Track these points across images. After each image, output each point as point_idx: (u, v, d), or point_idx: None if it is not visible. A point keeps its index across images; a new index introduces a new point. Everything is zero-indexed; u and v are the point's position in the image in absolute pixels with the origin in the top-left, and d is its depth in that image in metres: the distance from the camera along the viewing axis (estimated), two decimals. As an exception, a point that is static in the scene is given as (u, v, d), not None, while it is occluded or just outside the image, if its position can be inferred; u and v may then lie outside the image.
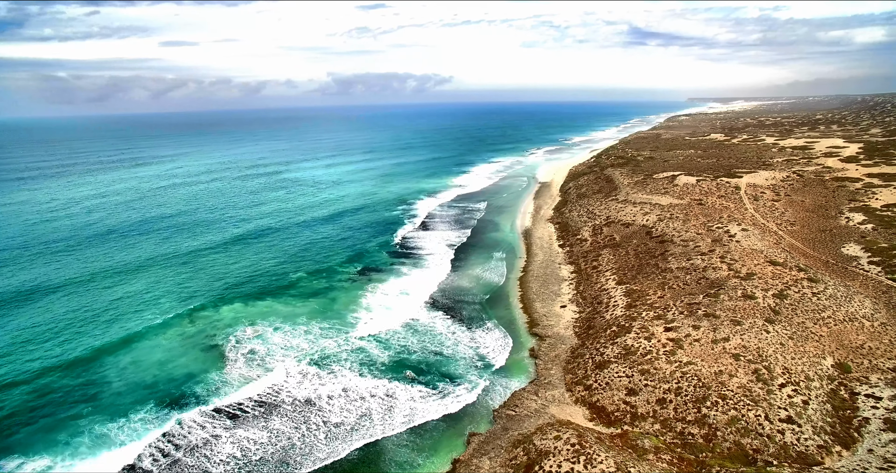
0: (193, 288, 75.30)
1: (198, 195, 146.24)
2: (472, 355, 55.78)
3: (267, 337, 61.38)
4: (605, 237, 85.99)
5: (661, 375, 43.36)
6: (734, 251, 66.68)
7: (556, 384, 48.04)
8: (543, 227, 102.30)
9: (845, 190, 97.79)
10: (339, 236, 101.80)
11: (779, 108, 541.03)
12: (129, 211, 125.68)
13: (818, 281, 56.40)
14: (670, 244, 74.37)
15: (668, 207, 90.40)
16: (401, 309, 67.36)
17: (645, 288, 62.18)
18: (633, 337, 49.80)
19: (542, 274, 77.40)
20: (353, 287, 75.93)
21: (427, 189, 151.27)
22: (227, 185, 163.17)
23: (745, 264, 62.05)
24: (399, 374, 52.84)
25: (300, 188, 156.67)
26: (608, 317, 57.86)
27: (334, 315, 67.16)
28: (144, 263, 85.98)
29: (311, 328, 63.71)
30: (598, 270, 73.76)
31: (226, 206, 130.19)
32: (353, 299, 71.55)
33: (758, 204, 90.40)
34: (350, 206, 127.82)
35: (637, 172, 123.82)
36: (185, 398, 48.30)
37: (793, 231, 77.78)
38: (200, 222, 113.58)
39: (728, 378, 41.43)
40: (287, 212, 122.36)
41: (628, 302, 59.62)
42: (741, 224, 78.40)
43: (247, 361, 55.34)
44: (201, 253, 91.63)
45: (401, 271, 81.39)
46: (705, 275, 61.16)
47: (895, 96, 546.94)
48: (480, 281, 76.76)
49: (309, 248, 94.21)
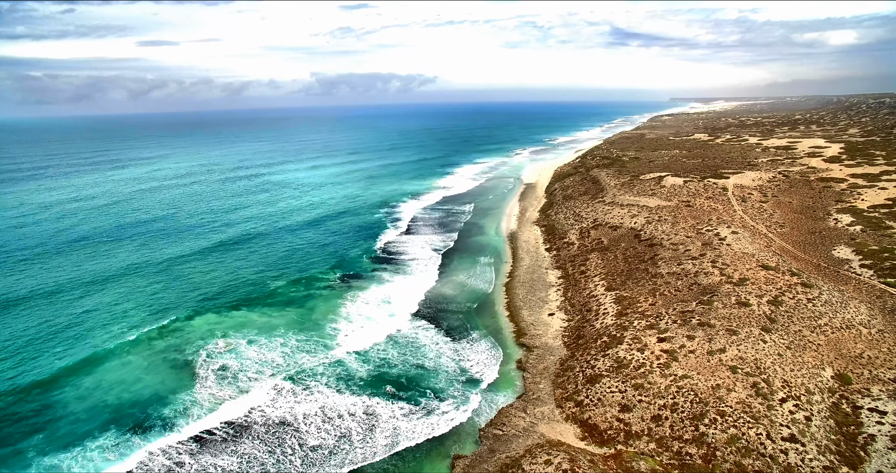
0: (166, 300, 71.53)
1: (177, 199, 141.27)
2: (457, 368, 53.13)
3: (240, 350, 58.11)
4: (592, 240, 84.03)
5: (656, 390, 41.17)
6: (725, 255, 65.02)
7: (545, 399, 45.62)
8: (529, 230, 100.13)
9: (831, 190, 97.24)
10: (322, 241, 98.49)
11: (758, 108, 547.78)
12: (103, 216, 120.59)
13: (812, 286, 54.84)
14: (660, 248, 72.58)
15: (655, 209, 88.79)
16: (382, 319, 64.50)
17: (635, 295, 60.14)
18: (625, 348, 47.59)
19: (529, 279, 75.10)
20: (333, 295, 72.84)
21: (412, 191, 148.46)
22: (207, 188, 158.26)
23: (738, 269, 60.36)
24: (380, 390, 50.03)
25: (283, 191, 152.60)
26: (598, 326, 55.67)
27: (312, 326, 64.06)
28: (116, 273, 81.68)
29: (288, 340, 60.56)
30: (586, 275, 71.66)
31: (206, 211, 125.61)
32: (333, 308, 68.49)
33: (746, 205, 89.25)
34: (333, 210, 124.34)
35: (623, 173, 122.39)
36: (150, 422, 44.87)
37: (782, 233, 76.55)
38: (178, 228, 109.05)
39: (726, 392, 39.37)
40: (268, 217, 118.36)
41: (618, 310, 57.50)
42: (731, 226, 76.96)
43: (218, 379, 52.02)
44: (177, 261, 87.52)
45: (383, 278, 78.48)
46: (697, 281, 59.32)
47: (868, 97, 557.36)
48: (465, 288, 74.20)
49: (289, 255, 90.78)
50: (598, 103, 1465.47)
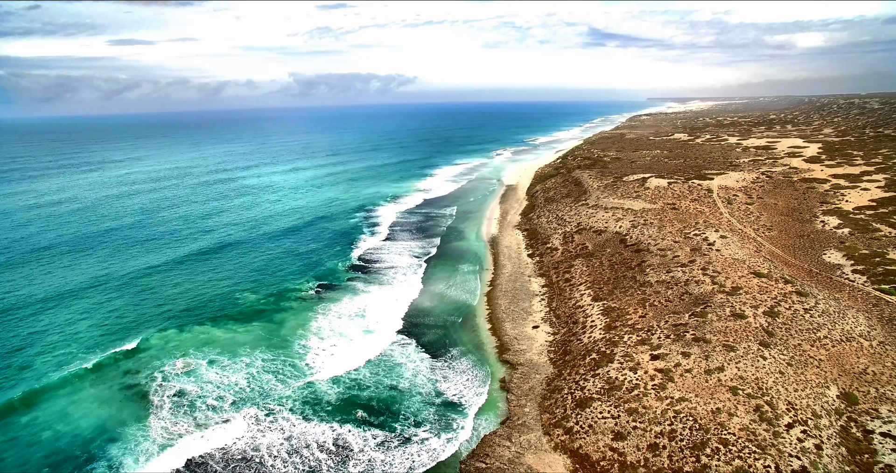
0: (126, 317, 66.10)
1: (148, 205, 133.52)
2: (435, 390, 49.24)
3: (200, 372, 53.40)
4: (576, 246, 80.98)
5: (652, 415, 37.89)
6: (715, 261, 62.40)
7: (531, 425, 42.03)
8: (511, 235, 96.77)
9: (815, 191, 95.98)
10: (296, 249, 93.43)
11: (733, 108, 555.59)
12: (66, 225, 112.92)
13: (807, 294, 52.36)
14: (647, 253, 69.76)
15: (641, 212, 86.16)
16: (355, 335, 60.29)
17: (624, 306, 57.03)
18: (616, 367, 44.29)
19: (512, 288, 71.62)
20: (305, 308, 68.36)
21: (391, 194, 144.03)
22: (181, 193, 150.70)
23: (730, 276, 57.70)
24: (351, 416, 45.92)
25: (259, 195, 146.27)
26: (586, 341, 52.36)
27: (280, 343, 59.56)
28: (74, 288, 75.40)
29: (253, 360, 56.01)
30: (571, 284, 68.44)
31: (177, 218, 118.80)
32: (304, 323, 64.05)
33: (732, 207, 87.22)
34: (310, 215, 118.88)
35: (606, 174, 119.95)
36: (93, 465, 39.96)
37: (771, 237, 74.46)
38: (147, 237, 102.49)
39: (728, 417, 36.25)
40: (242, 224, 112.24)
41: (607, 323, 54.28)
42: (718, 230, 74.59)
43: (174, 407, 47.26)
44: (142, 273, 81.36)
45: (358, 289, 74.19)
46: (688, 290, 56.46)
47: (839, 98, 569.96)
48: (444, 299, 70.37)
49: (261, 264, 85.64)
50: (578, 103, 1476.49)
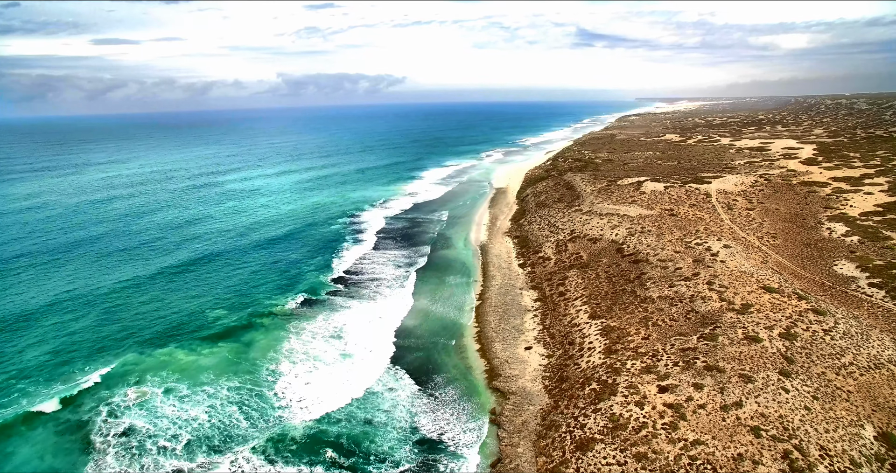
0: (84, 341, 59.63)
1: (125, 213, 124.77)
2: (416, 425, 43.88)
3: (155, 404, 47.67)
4: (570, 255, 76.09)
5: (664, 461, 32.90)
6: (721, 274, 57.77)
7: (526, 471, 36.86)
8: (501, 242, 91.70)
9: (816, 195, 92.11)
10: (277, 261, 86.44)
11: (721, 108, 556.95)
12: (34, 235, 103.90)
13: (825, 313, 47.84)
14: (646, 264, 65.03)
15: (637, 219, 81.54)
16: (331, 358, 54.76)
17: (624, 325, 52.13)
18: (620, 400, 39.30)
19: (502, 302, 66.52)
20: (278, 327, 62.69)
21: (378, 198, 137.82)
22: (161, 199, 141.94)
23: (738, 292, 53.06)
24: (320, 457, 40.50)
25: (242, 201, 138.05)
26: (584, 366, 47.36)
27: (248, 367, 53.91)
28: (32, 309, 67.44)
29: (217, 388, 50.35)
30: (565, 298, 63.47)
31: (154, 227, 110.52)
32: (275, 344, 58.42)
33: (733, 213, 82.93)
34: (295, 223, 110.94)
35: (599, 178, 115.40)
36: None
37: (776, 246, 70.15)
38: (120, 249, 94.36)
39: (752, 466, 31.39)
40: (222, 234, 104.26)
41: (607, 345, 49.32)
42: (721, 239, 70.13)
43: (120, 451, 41.39)
44: (110, 290, 74.06)
45: (336, 304, 68.62)
46: (694, 308, 51.71)
47: (825, 98, 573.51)
48: (429, 316, 65.06)
49: (239, 278, 78.71)
50: (567, 103, 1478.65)
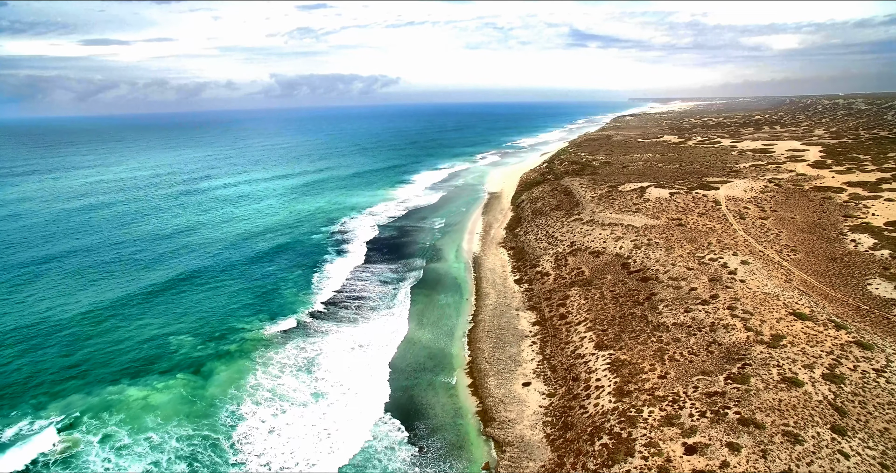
0: (19, 378, 52.15)
1: (102, 224, 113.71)
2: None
3: (86, 458, 40.61)
4: (571, 270, 69.27)
5: (700, 555, 26.02)
6: (742, 296, 51.12)
7: (526, 557, 29.93)
8: (495, 254, 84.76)
9: (832, 202, 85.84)
10: (256, 278, 76.86)
11: (715, 109, 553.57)
12: None
13: (871, 347, 41.24)
14: (656, 283, 58.32)
15: (643, 230, 74.87)
16: (299, 396, 47.56)
17: (636, 359, 45.30)
18: (639, 463, 32.43)
19: (496, 326, 59.57)
20: (244, 356, 55.44)
21: (367, 205, 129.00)
22: (143, 208, 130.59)
23: (765, 319, 46.41)
24: (280, 534, 33.38)
25: (227, 210, 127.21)
26: (592, 410, 40.48)
27: (205, 408, 46.74)
28: None
29: (164, 436, 43.20)
30: (567, 322, 56.60)
31: (132, 239, 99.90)
32: (239, 378, 51.27)
33: (745, 223, 76.42)
34: (280, 236, 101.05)
35: (599, 183, 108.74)
36: None
37: (798, 260, 63.63)
38: (90, 266, 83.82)
39: None
40: (202, 248, 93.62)
41: (617, 385, 42.46)
42: (737, 253, 63.53)
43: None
44: (69, 319, 64.81)
45: (311, 329, 61.40)
46: (716, 338, 44.98)
47: (822, 98, 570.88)
48: (415, 344, 57.97)
49: (213, 300, 69.58)
50: (561, 104, 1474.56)
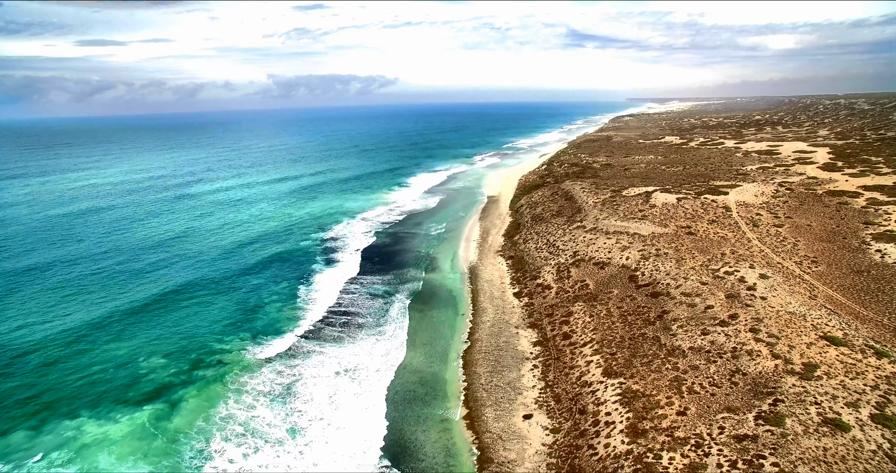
0: None
1: (90, 231, 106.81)
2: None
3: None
4: (574, 283, 64.42)
5: None
6: (765, 317, 46.29)
7: None
8: (493, 264, 79.85)
9: (850, 208, 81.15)
10: (241, 292, 70.85)
11: (713, 109, 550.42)
12: None
13: (918, 379, 36.44)
14: (667, 299, 53.50)
15: (650, 239, 70.06)
16: (275, 434, 42.52)
17: (651, 390, 40.43)
18: (661, 528, 27.52)
19: (494, 347, 54.67)
20: (217, 381, 50.44)
21: (361, 210, 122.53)
22: (135, 213, 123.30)
23: (793, 344, 41.59)
24: None
25: (219, 217, 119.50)
26: (602, 453, 35.60)
27: (166, 446, 41.67)
28: None
29: (118, 481, 38.09)
30: (571, 342, 51.73)
31: (121, 249, 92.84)
32: (208, 409, 46.27)
33: (760, 231, 71.68)
34: (271, 246, 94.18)
35: (601, 187, 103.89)
36: None
37: (820, 273, 58.89)
38: (69, 280, 77.12)
39: None
40: (189, 260, 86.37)
41: (630, 421, 37.56)
42: (753, 265, 58.71)
43: None
44: (37, 340, 58.93)
45: (295, 349, 56.36)
46: (740, 367, 40.14)
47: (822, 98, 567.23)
48: (405, 368, 52.92)
49: (194, 318, 63.63)
50: (558, 104, 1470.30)
